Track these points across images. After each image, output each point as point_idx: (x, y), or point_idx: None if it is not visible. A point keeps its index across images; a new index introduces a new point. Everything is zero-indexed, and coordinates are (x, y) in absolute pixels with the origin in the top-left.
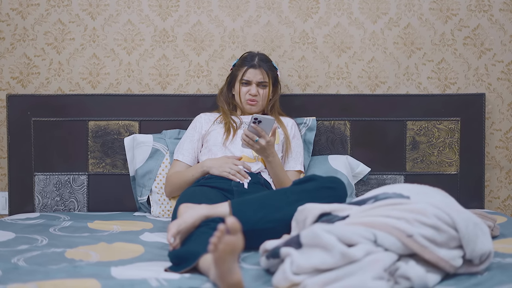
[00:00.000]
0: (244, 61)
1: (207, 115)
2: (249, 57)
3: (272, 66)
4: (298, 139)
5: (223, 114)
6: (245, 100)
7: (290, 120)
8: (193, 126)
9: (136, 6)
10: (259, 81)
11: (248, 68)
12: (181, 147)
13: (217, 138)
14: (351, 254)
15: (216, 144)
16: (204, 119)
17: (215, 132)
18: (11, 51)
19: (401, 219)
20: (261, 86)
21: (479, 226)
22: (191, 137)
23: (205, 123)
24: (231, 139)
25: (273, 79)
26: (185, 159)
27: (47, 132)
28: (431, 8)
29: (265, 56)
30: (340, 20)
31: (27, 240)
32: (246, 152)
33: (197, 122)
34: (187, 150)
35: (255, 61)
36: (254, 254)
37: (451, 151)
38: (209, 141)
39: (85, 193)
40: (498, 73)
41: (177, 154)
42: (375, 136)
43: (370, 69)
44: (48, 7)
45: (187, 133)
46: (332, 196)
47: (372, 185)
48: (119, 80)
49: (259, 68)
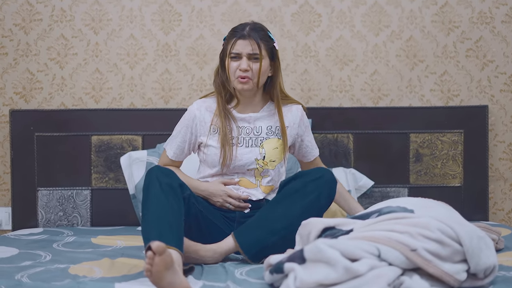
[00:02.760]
0: (234, 32)
1: (203, 114)
2: (240, 27)
3: (267, 35)
4: (305, 127)
5: (218, 113)
6: (236, 78)
7: (296, 111)
8: (186, 125)
9: (138, 21)
10: (250, 53)
11: (237, 39)
12: (172, 141)
13: (213, 158)
14: (355, 269)
15: (214, 165)
16: (200, 120)
17: (212, 150)
18: (14, 66)
19: (405, 233)
20: (253, 60)
21: (483, 239)
22: (183, 136)
23: (200, 126)
24: (229, 162)
25: (269, 52)
26: (173, 156)
27: (50, 147)
28: (433, 20)
29: (259, 25)
30: (343, 33)
31: (30, 256)
32: (248, 175)
33: (191, 123)
34: (178, 148)
35: (245, 31)
36: (258, 269)
37: (454, 164)
38: (207, 159)
39: (88, 208)
40: (501, 85)
41: (168, 145)
42: (378, 149)
43: (373, 82)
44: (51, 23)
45: (180, 128)
46: (318, 187)
47: (375, 198)
48: (122, 94)
49: (249, 38)
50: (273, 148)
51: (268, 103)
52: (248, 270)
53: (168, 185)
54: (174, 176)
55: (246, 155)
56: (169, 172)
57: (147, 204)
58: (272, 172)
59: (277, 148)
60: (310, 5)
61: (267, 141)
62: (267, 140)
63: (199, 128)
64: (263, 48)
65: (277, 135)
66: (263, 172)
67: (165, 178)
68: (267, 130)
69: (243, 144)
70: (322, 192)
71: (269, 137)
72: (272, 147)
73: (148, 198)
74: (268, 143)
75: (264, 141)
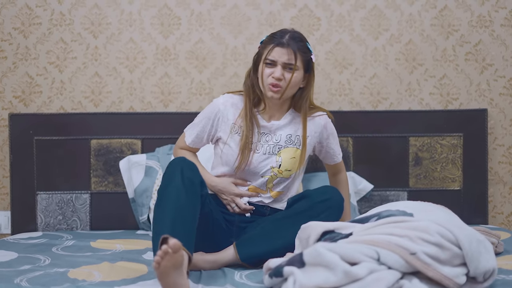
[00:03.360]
0: (272, 38)
1: (227, 109)
2: (279, 33)
3: (305, 47)
4: (328, 134)
5: (244, 115)
6: (267, 84)
7: (319, 120)
8: (208, 117)
9: (138, 25)
10: (286, 62)
11: (274, 46)
12: (192, 128)
13: (229, 159)
14: (354, 273)
15: (228, 164)
16: (222, 115)
17: (229, 150)
18: (13, 70)
19: (404, 237)
20: (287, 69)
21: (483, 243)
22: (203, 126)
23: (222, 121)
24: (244, 166)
25: (305, 63)
26: (191, 143)
27: (49, 151)
28: (432, 24)
29: (299, 34)
30: (342, 36)
31: (30, 260)
32: (259, 183)
33: (214, 116)
34: (197, 136)
35: (285, 39)
36: (257, 272)
37: (454, 167)
38: (222, 157)
39: (87, 211)
40: (500, 88)
41: (188, 131)
42: (377, 152)
43: (372, 86)
44: (50, 26)
45: (202, 117)
46: (326, 209)
47: (375, 201)
48: (121, 98)
49: (287, 47)
50: (290, 157)
51: (290, 110)
52: (247, 274)
53: (190, 180)
54: (196, 172)
55: (262, 162)
56: (193, 166)
57: (165, 194)
58: (286, 180)
59: (294, 158)
60: (309, 9)
61: (285, 150)
62: (285, 148)
63: (220, 123)
64: (299, 59)
65: (296, 145)
66: (275, 181)
67: (188, 172)
68: (286, 139)
69: (261, 151)
70: (329, 214)
71: (287, 146)
72: (289, 156)
73: (168, 188)
74: (286, 152)
75: (282, 149)
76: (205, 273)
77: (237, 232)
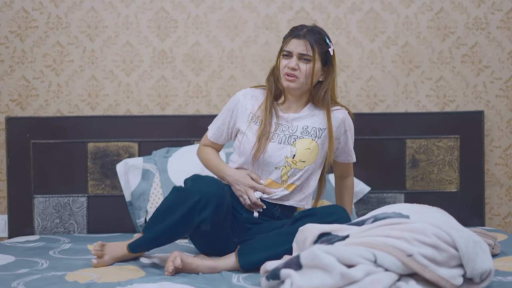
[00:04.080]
0: (291, 31)
1: (247, 100)
2: (299, 27)
3: (322, 39)
4: (345, 130)
5: (264, 107)
6: (283, 75)
7: (338, 113)
8: (229, 108)
9: (134, 28)
10: (301, 53)
11: (291, 38)
12: (215, 123)
13: (245, 147)
14: (351, 275)
15: (245, 153)
16: (242, 105)
17: (247, 138)
18: (10, 73)
19: (401, 239)
20: (303, 60)
21: (479, 244)
22: (223, 119)
23: (241, 112)
24: (259, 155)
25: (322, 56)
26: (212, 137)
27: (46, 154)
28: (428, 26)
29: (318, 28)
30: (338, 39)
31: (27, 263)
32: (275, 175)
33: (234, 106)
34: (218, 129)
35: (302, 31)
36: (254, 275)
37: (451, 169)
38: (239, 147)
39: (84, 215)
40: (496, 90)
41: (210, 126)
42: (374, 154)
43: (369, 88)
44: (46, 30)
45: (224, 111)
46: None
47: (372, 204)
48: (118, 101)
49: (304, 38)
50: (305, 148)
51: (309, 104)
52: (245, 276)
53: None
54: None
55: (277, 152)
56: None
57: (166, 214)
58: (300, 172)
59: (309, 149)
60: (306, 12)
61: (300, 140)
62: (301, 139)
63: (239, 114)
64: (316, 50)
65: (312, 136)
66: (290, 172)
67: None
68: (302, 130)
69: (276, 140)
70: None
71: (303, 137)
72: (304, 147)
73: (172, 216)
74: (301, 142)
75: (297, 139)
76: (202, 275)
77: (240, 232)
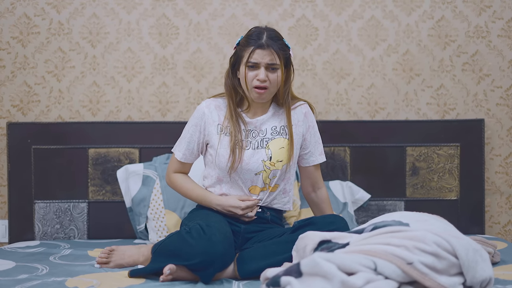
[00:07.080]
0: (249, 40)
1: (211, 112)
2: (255, 34)
3: (284, 44)
4: (309, 126)
5: (229, 116)
6: (252, 87)
7: (301, 109)
8: (195, 124)
9: (136, 34)
10: (268, 63)
11: (255, 48)
12: (180, 143)
13: (221, 160)
14: (351, 283)
15: (221, 168)
16: (208, 118)
17: (220, 150)
18: (12, 79)
19: (401, 247)
20: (270, 70)
21: (479, 252)
22: (191, 136)
23: (209, 125)
24: (237, 165)
25: (285, 60)
26: (182, 157)
27: (47, 160)
28: (429, 34)
29: (275, 32)
30: (339, 47)
31: (27, 269)
32: (256, 181)
33: (200, 121)
34: (187, 148)
35: (263, 40)
36: (255, 282)
37: (451, 177)
38: (214, 161)
39: (85, 220)
40: (497, 98)
41: (176, 148)
42: (375, 162)
43: (370, 96)
44: (48, 35)
45: (189, 128)
46: None
47: (372, 211)
48: (119, 107)
49: (268, 48)
50: (280, 147)
51: (272, 104)
52: (245, 283)
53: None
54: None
55: (253, 158)
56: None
57: (171, 258)
58: (279, 171)
59: (284, 147)
60: (307, 19)
61: (272, 142)
62: (273, 140)
63: (208, 127)
64: (282, 58)
65: (282, 135)
66: (271, 174)
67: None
68: (272, 131)
69: (250, 147)
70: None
71: (274, 137)
72: (278, 146)
73: (175, 259)
74: (274, 143)
75: (270, 141)
76: (201, 283)
77: (242, 243)
